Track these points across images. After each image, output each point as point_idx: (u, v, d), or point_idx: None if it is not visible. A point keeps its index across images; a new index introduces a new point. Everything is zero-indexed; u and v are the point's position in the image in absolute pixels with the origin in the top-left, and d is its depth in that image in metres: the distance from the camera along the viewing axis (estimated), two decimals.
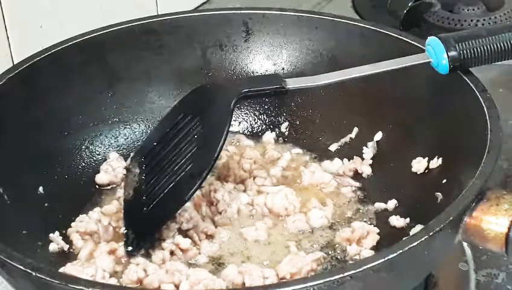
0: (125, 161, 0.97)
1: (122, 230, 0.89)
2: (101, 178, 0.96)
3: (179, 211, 0.87)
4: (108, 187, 0.96)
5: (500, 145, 0.79)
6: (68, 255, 0.87)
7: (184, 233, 0.88)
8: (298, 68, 1.03)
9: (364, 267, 0.67)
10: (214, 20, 1.03)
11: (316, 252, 0.85)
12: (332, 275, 0.66)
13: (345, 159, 0.98)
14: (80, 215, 0.91)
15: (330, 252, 0.86)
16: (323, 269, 0.83)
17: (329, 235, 0.89)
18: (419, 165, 0.91)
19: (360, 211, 0.92)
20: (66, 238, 0.88)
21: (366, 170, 0.97)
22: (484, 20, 1.32)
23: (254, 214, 0.92)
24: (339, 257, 0.86)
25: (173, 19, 1.02)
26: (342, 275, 0.66)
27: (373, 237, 0.87)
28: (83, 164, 0.97)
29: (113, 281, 0.82)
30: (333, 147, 1.00)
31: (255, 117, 1.05)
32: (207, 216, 0.90)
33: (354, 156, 0.98)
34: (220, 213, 0.91)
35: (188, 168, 0.84)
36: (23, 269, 0.68)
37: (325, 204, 0.93)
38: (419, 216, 0.85)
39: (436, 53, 0.87)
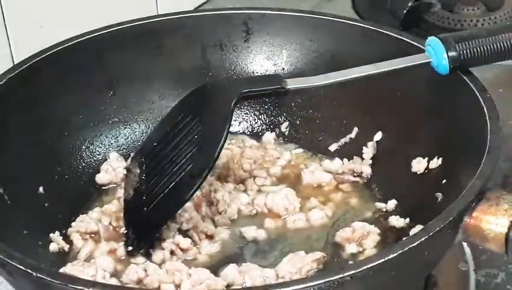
0: (126, 161, 0.97)
1: (123, 230, 0.89)
2: (101, 178, 0.96)
3: (179, 211, 0.87)
4: (109, 187, 0.96)
5: (500, 145, 0.78)
6: (68, 255, 0.87)
7: (184, 233, 0.88)
8: (298, 68, 1.03)
9: (364, 267, 0.67)
10: (213, 20, 1.03)
11: (316, 252, 0.85)
12: (332, 275, 0.66)
13: (345, 159, 0.98)
14: (80, 215, 0.91)
15: (330, 252, 0.86)
16: (323, 269, 0.83)
17: (329, 235, 0.89)
18: (419, 165, 0.91)
19: (360, 211, 0.92)
20: (66, 238, 0.88)
21: (366, 170, 0.97)
22: (484, 20, 1.32)
23: (254, 214, 0.92)
24: (339, 257, 0.86)
25: (173, 19, 1.02)
26: (341, 276, 0.66)
27: (373, 237, 0.87)
28: (83, 164, 0.97)
29: (114, 281, 0.82)
30: (333, 147, 1.00)
31: (255, 117, 1.05)
32: (207, 216, 0.90)
33: (354, 156, 0.98)
34: (220, 213, 0.91)
35: (188, 168, 0.84)
36: (24, 269, 0.68)
37: (325, 204, 0.93)
38: (419, 216, 0.85)
39: (436, 53, 0.87)
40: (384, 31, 0.97)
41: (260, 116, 1.05)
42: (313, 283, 0.66)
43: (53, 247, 0.87)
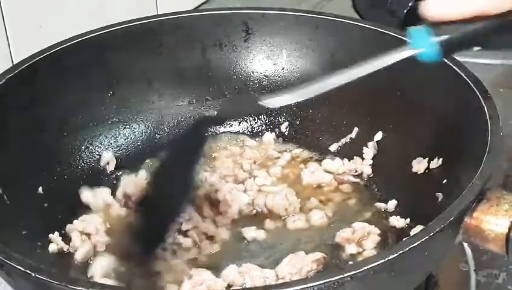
0: (124, 160, 0.97)
1: (122, 230, 0.89)
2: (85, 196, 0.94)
3: (179, 212, 0.86)
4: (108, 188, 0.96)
5: (501, 145, 0.78)
6: (68, 256, 0.87)
7: (184, 233, 0.88)
8: (298, 68, 1.03)
9: (365, 268, 0.67)
10: (213, 20, 1.03)
11: (316, 252, 0.85)
12: (332, 275, 0.66)
13: (345, 159, 0.98)
14: (80, 215, 0.91)
15: (330, 253, 0.86)
16: (323, 269, 0.83)
17: (329, 235, 0.89)
18: (419, 165, 0.91)
19: (360, 211, 0.92)
20: (66, 239, 0.88)
21: (366, 170, 0.96)
22: None
23: (254, 215, 0.92)
24: (339, 257, 0.86)
25: (173, 19, 1.02)
26: (342, 276, 0.66)
27: (373, 238, 0.87)
28: (83, 164, 0.97)
29: (113, 282, 0.82)
30: (333, 147, 1.00)
31: (255, 117, 1.05)
32: (208, 217, 0.90)
33: (354, 156, 0.98)
34: (221, 213, 0.91)
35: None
36: (23, 269, 0.68)
37: (325, 204, 0.93)
38: (419, 216, 0.85)
39: (420, 41, 0.82)
40: (384, 31, 0.97)
41: (260, 116, 1.05)
42: (313, 283, 0.65)
43: (52, 248, 0.86)
